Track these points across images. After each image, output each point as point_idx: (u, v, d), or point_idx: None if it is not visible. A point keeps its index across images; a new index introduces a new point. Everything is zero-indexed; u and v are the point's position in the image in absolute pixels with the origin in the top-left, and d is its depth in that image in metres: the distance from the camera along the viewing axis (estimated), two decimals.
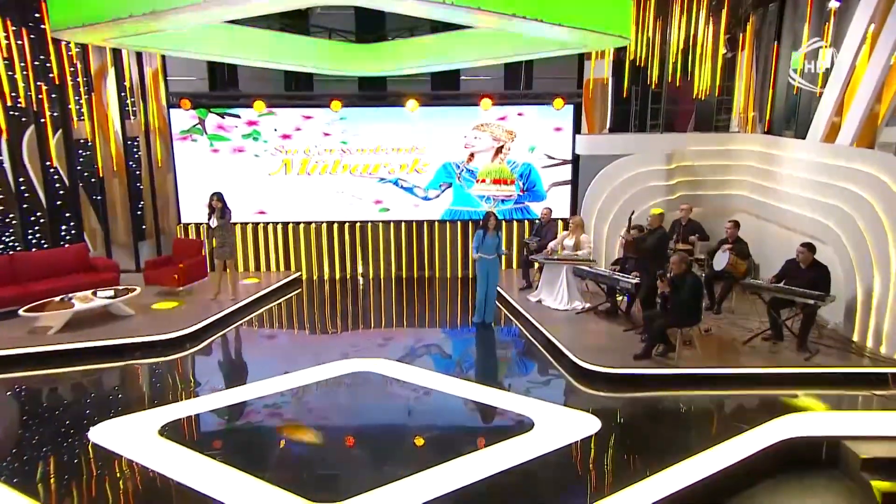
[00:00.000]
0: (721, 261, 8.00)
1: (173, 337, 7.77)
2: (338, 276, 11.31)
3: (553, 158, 11.09)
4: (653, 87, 10.69)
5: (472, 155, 11.06)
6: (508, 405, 6.11)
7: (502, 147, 11.05)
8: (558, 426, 5.60)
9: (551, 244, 8.99)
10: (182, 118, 10.78)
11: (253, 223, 11.13)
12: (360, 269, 11.37)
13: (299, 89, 11.16)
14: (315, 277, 11.26)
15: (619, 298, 8.31)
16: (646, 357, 6.67)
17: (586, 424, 5.58)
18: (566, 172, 11.11)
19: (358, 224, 11.22)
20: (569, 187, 11.13)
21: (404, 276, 11.33)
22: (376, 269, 11.35)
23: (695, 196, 9.89)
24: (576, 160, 11.00)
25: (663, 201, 9.79)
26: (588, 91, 10.73)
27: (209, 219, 9.09)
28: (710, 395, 6.29)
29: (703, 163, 10.10)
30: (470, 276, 10.65)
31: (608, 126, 11.06)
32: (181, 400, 6.39)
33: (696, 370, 6.52)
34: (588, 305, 8.57)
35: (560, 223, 10.47)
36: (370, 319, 9.28)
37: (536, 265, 9.60)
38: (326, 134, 10.90)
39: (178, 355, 7.55)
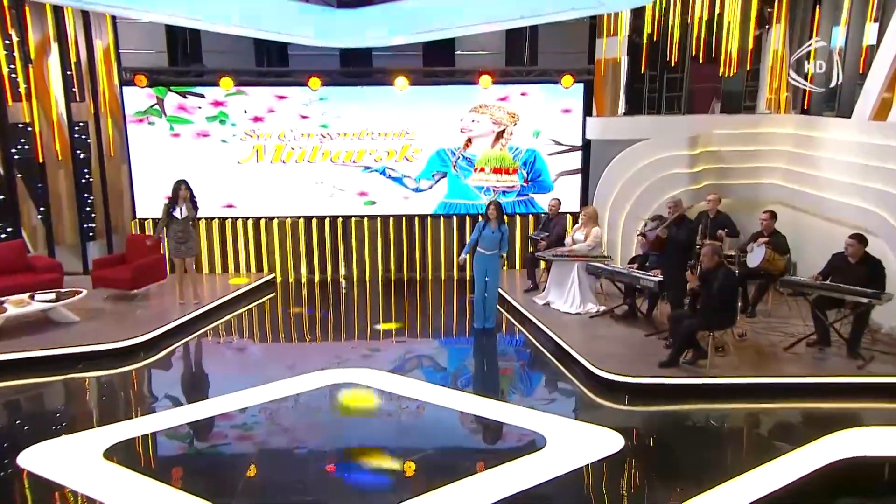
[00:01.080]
0: (756, 257, 7.78)
1: (125, 346, 7.52)
2: (317, 279, 11.09)
3: (561, 144, 10.90)
4: (672, 63, 10.52)
5: (469, 140, 10.85)
6: (515, 420, 5.94)
7: (503, 131, 10.84)
8: (573, 444, 5.49)
9: (566, 241, 8.77)
10: (137, 97, 10.49)
11: (220, 218, 10.86)
12: (342, 271, 11.17)
13: (272, 65, 10.96)
14: (291, 280, 11.04)
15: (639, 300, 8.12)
16: (672, 365, 6.50)
17: (606, 442, 5.44)
18: (576, 160, 10.92)
19: (340, 219, 11.00)
20: (579, 177, 10.94)
21: (393, 277, 11.13)
22: (361, 271, 11.15)
23: (722, 185, 9.77)
24: (586, 146, 10.81)
25: (687, 191, 9.62)
26: (600, 69, 10.54)
27: (172, 210, 8.79)
28: (748, 408, 6.18)
29: (732, 148, 9.99)
30: (467, 278, 10.42)
31: (622, 108, 10.86)
32: (133, 417, 6.15)
33: (731, 380, 6.38)
34: (603, 308, 8.38)
35: (569, 217, 10.27)
36: (354, 327, 9.06)
37: (543, 264, 9.39)
38: (304, 116, 10.66)
39: (131, 367, 7.29)
